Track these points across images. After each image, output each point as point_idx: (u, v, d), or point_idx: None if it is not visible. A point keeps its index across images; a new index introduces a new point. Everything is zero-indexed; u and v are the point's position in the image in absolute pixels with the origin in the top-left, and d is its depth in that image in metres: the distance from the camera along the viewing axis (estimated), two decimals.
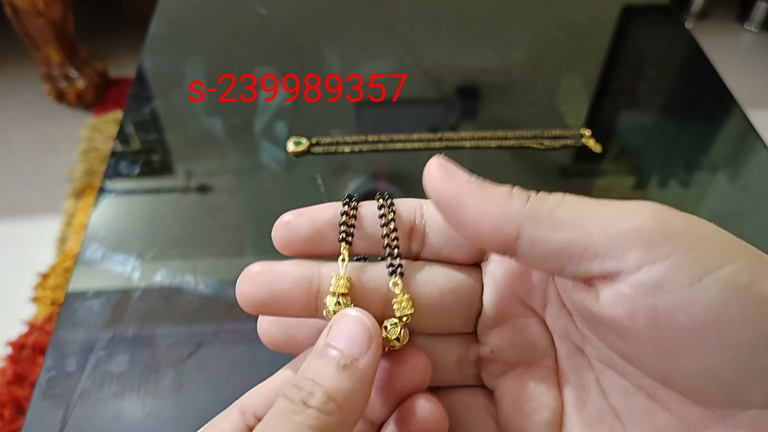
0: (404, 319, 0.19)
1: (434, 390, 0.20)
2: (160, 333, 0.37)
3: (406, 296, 0.19)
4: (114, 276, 0.40)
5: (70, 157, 1.21)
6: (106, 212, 0.45)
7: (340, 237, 0.19)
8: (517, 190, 0.16)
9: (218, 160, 0.49)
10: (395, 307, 0.19)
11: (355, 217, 0.20)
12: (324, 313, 0.19)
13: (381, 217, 0.20)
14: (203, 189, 0.47)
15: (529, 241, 0.16)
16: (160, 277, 0.40)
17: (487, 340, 0.20)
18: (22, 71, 1.40)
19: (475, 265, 0.21)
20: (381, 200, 0.20)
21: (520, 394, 0.19)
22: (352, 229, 0.20)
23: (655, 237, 0.14)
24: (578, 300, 0.17)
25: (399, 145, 0.49)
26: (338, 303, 0.19)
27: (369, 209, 0.20)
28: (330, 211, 0.20)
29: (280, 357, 0.38)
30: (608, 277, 0.15)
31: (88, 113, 1.32)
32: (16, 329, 0.92)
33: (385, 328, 0.19)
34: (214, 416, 0.20)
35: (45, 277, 0.99)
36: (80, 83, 1.28)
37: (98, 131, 1.26)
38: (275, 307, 0.19)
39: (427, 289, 0.19)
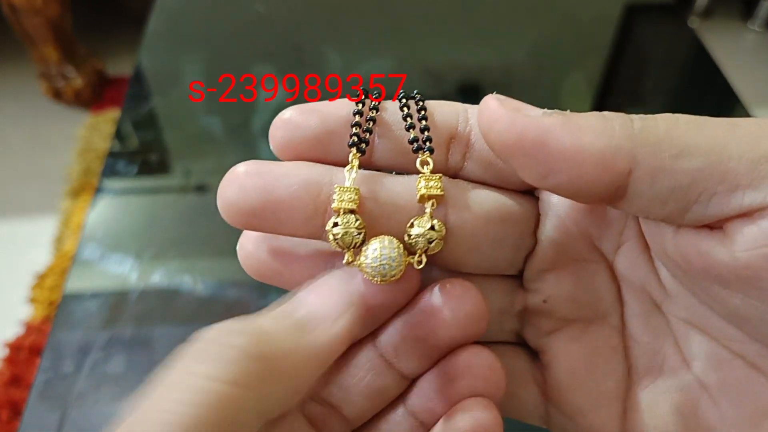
0: (432, 206, 0.15)
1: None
2: (157, 334, 0.37)
3: (437, 175, 0.15)
4: (111, 276, 0.40)
5: (67, 157, 1.21)
6: (103, 212, 0.44)
7: (350, 141, 0.15)
8: (610, 114, 0.12)
9: (217, 159, 0.48)
10: (421, 185, 0.15)
11: (376, 112, 0.16)
12: (326, 237, 0.15)
13: (406, 118, 0.16)
14: (201, 188, 0.46)
15: (647, 176, 0.12)
16: (158, 277, 0.40)
17: (539, 286, 0.16)
18: (18, 70, 1.39)
19: (527, 192, 0.16)
20: (405, 100, 0.16)
21: (579, 357, 0.16)
22: (367, 135, 0.15)
23: None
24: (687, 245, 0.13)
25: None
26: (336, 224, 0.14)
27: (395, 109, 0.16)
28: (345, 107, 0.16)
29: None
30: (749, 213, 0.11)
31: (85, 112, 1.31)
32: (12, 330, 0.91)
33: (408, 234, 0.15)
34: None
35: (42, 277, 0.99)
36: (77, 82, 1.27)
37: (96, 130, 1.26)
38: (269, 220, 0.15)
39: (470, 214, 0.15)
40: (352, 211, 0.14)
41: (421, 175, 0.15)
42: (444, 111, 0.16)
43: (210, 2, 0.66)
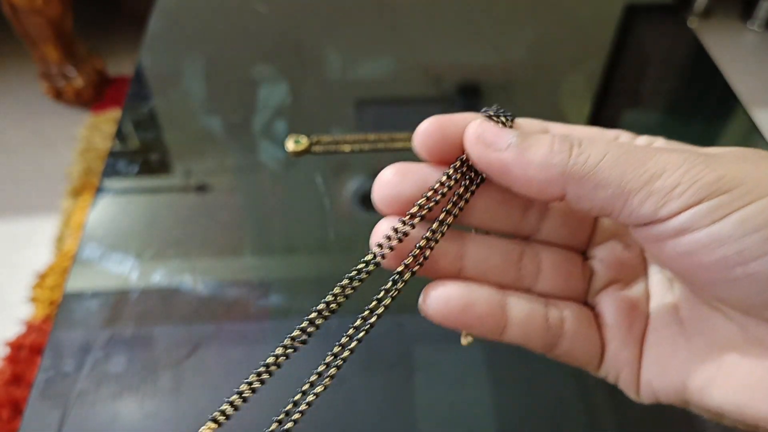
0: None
1: (554, 299, 0.21)
2: (158, 334, 0.37)
3: None
4: (112, 276, 0.40)
5: (68, 156, 1.21)
6: (104, 211, 0.45)
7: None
8: (558, 145, 0.17)
9: (217, 159, 0.49)
10: None
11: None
12: None
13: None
14: (202, 188, 0.46)
15: (574, 199, 0.17)
16: (159, 277, 0.40)
17: (596, 253, 0.21)
18: (19, 69, 1.40)
19: None
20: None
21: (619, 308, 0.20)
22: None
23: (687, 192, 0.16)
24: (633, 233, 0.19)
25: (400, 144, 0.48)
26: None
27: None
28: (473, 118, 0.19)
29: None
30: (644, 225, 0.17)
31: (86, 112, 1.31)
32: (13, 329, 0.91)
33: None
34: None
35: (43, 276, 0.99)
36: (78, 81, 1.28)
37: (96, 130, 1.26)
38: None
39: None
40: None
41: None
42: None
43: (211, 2, 0.66)
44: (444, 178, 0.18)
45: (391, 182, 0.18)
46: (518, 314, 0.19)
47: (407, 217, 0.18)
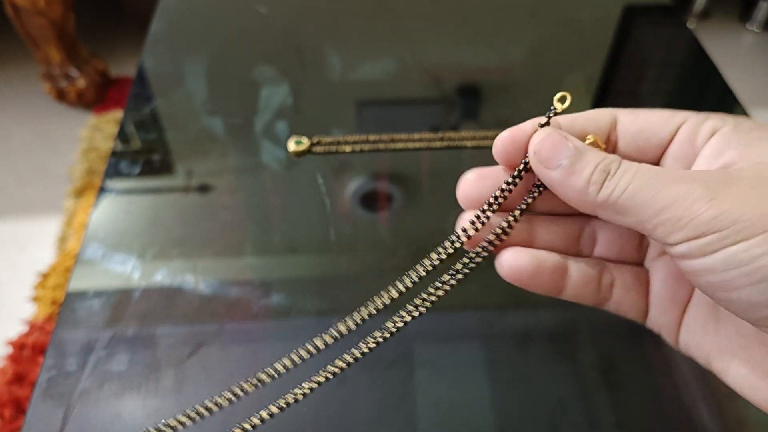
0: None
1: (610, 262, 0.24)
2: (160, 333, 0.37)
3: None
4: (114, 275, 0.40)
5: (70, 157, 1.21)
6: (106, 212, 0.45)
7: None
8: (597, 176, 0.20)
9: (219, 159, 0.49)
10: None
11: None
12: None
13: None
14: (204, 189, 0.47)
15: (604, 219, 0.21)
16: (161, 276, 0.40)
17: None
18: (22, 70, 1.40)
19: None
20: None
21: (669, 276, 0.23)
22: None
23: (687, 226, 0.18)
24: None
25: (400, 145, 0.49)
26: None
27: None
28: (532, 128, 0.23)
29: (280, 357, 0.38)
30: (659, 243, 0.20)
31: (88, 112, 1.32)
32: (16, 329, 0.92)
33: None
34: (214, 417, 0.20)
35: (45, 276, 0.99)
36: (81, 82, 1.28)
37: (99, 130, 1.26)
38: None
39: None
40: None
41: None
42: (590, 117, 0.23)
43: (212, 4, 0.67)
44: (505, 184, 0.22)
45: (472, 183, 0.23)
46: (576, 279, 0.23)
47: (482, 210, 0.22)
